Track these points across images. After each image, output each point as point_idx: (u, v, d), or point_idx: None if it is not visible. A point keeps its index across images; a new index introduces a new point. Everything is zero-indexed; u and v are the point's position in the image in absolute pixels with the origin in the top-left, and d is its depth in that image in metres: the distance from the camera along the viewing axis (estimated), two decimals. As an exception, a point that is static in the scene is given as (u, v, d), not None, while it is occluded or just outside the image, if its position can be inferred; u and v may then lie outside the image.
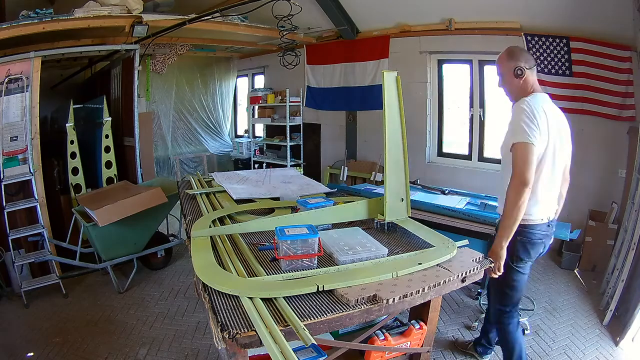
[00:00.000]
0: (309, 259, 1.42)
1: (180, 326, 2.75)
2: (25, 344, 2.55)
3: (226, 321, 1.09)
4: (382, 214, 1.90)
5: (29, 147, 3.19)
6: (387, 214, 1.87)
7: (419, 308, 1.68)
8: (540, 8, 3.59)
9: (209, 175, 2.98)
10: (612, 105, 3.45)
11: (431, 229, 1.83)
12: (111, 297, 3.15)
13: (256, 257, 1.55)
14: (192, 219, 2.00)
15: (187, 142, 7.34)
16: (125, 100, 4.30)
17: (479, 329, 2.63)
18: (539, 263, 3.61)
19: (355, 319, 1.23)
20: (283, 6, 3.46)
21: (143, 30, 3.92)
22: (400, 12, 4.61)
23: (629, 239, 2.65)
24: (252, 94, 6.86)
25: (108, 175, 3.99)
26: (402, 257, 1.53)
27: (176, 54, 5.75)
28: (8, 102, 3.13)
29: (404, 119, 1.89)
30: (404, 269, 1.40)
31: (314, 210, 1.85)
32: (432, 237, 1.71)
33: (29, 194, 3.23)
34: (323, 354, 1.60)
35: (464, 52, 4.42)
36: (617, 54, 3.33)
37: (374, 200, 1.97)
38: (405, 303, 1.30)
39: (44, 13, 3.31)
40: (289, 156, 6.29)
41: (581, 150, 3.69)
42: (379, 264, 1.46)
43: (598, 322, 2.69)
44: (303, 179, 2.83)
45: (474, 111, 4.50)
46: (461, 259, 1.53)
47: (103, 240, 3.06)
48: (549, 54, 3.68)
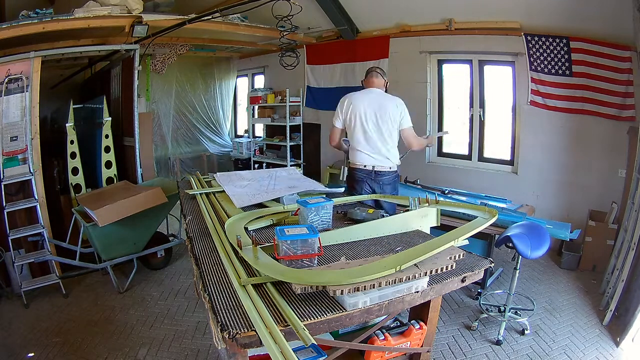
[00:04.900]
0: (309, 259, 1.42)
1: (180, 326, 2.75)
2: (25, 344, 2.55)
3: (226, 321, 1.09)
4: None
5: (29, 147, 3.19)
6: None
7: (419, 308, 1.68)
8: (540, 8, 3.58)
9: (209, 175, 2.98)
10: (612, 105, 3.45)
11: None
12: (111, 297, 3.15)
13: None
14: (192, 219, 2.00)
15: (187, 142, 7.34)
16: (125, 100, 4.29)
17: (479, 329, 2.64)
18: (539, 263, 3.61)
19: (355, 319, 1.22)
20: (283, 6, 3.46)
21: (143, 30, 3.92)
22: (400, 12, 4.62)
23: (629, 239, 2.65)
24: (252, 94, 6.86)
25: (108, 175, 3.99)
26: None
27: (176, 54, 5.75)
28: (8, 102, 3.13)
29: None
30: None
31: (370, 223, 1.78)
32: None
33: (29, 194, 3.23)
34: (323, 354, 1.60)
35: (464, 52, 4.43)
36: (617, 54, 3.33)
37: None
38: (405, 303, 1.30)
39: (44, 13, 3.31)
40: (289, 156, 6.29)
41: (581, 150, 3.76)
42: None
43: (598, 322, 2.69)
44: (309, 183, 2.75)
45: (473, 111, 4.50)
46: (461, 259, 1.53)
47: (103, 240, 3.06)
48: (549, 54, 3.68)
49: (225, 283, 1.32)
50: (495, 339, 2.51)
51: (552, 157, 3.90)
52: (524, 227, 2.55)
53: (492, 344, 2.49)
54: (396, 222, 1.81)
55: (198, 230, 1.85)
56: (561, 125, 3.81)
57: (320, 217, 1.78)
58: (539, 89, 3.84)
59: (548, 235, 2.50)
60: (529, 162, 4.07)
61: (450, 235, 1.50)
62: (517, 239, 2.35)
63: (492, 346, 2.47)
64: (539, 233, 2.47)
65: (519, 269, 2.56)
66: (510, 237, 2.36)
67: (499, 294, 3.07)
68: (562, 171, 3.86)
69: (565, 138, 3.82)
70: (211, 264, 1.47)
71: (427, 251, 1.33)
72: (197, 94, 7.37)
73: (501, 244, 2.49)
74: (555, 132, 3.86)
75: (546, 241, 2.42)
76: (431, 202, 1.93)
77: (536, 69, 3.81)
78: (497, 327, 2.57)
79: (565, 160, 3.84)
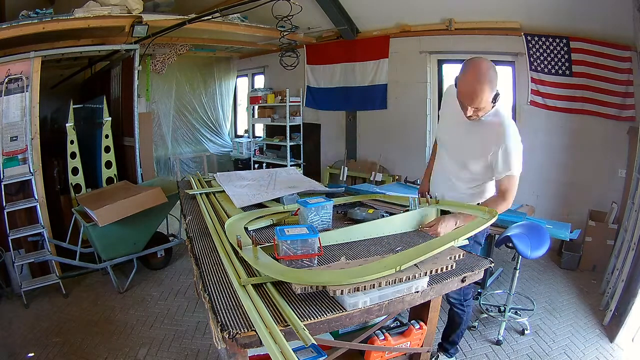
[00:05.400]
0: (309, 259, 1.42)
1: (180, 326, 2.75)
2: (25, 344, 2.55)
3: (226, 321, 1.09)
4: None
5: (29, 147, 3.19)
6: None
7: (419, 308, 1.68)
8: (540, 8, 3.58)
9: (209, 175, 2.98)
10: (612, 105, 3.45)
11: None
12: (111, 297, 3.15)
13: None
14: (192, 219, 2.00)
15: (187, 142, 7.34)
16: (125, 100, 4.29)
17: (479, 329, 2.64)
18: (539, 263, 3.61)
19: (355, 319, 1.22)
20: (283, 6, 3.46)
21: (143, 30, 3.92)
22: (400, 12, 4.62)
23: (629, 239, 2.65)
24: (252, 94, 6.86)
25: (108, 175, 3.99)
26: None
27: (176, 54, 5.74)
28: (8, 102, 3.13)
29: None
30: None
31: (370, 222, 1.77)
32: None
33: (29, 194, 3.23)
34: (323, 354, 1.60)
35: (464, 52, 4.41)
36: (617, 54, 3.33)
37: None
38: (405, 303, 1.30)
39: (44, 13, 3.31)
40: (289, 156, 6.29)
41: (581, 150, 3.76)
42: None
43: (598, 322, 2.69)
44: (309, 183, 2.74)
45: (474, 111, 4.49)
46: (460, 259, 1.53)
47: (103, 240, 3.06)
48: (549, 54, 3.68)
49: (225, 283, 1.32)
50: (495, 339, 2.51)
51: (552, 157, 3.90)
52: (524, 227, 2.55)
53: (492, 344, 2.49)
54: (396, 222, 1.81)
55: (198, 230, 1.85)
56: (561, 125, 3.81)
57: (320, 217, 1.78)
58: (539, 89, 3.84)
59: (548, 235, 2.50)
60: (529, 162, 4.02)
61: (450, 235, 1.50)
62: (517, 239, 2.35)
63: (492, 346, 2.48)
64: (539, 233, 2.48)
65: (519, 269, 2.56)
66: (510, 237, 2.36)
67: (499, 294, 3.07)
68: (562, 171, 3.86)
69: (565, 138, 3.82)
70: (211, 264, 1.47)
71: (427, 251, 1.33)
72: (197, 94, 7.37)
73: (501, 244, 2.49)
74: (555, 132, 3.85)
75: (546, 241, 2.42)
76: (431, 202, 1.93)
77: (536, 69, 3.81)
78: (497, 327, 2.57)
79: (565, 160, 3.84)
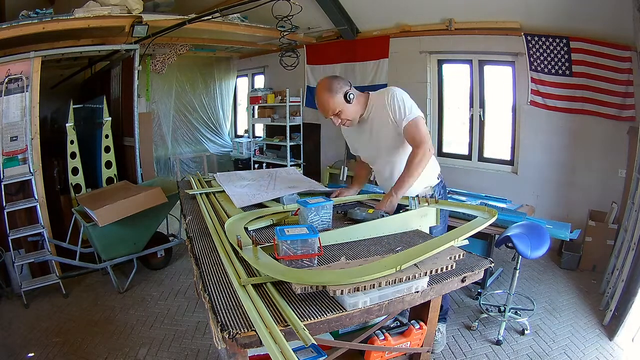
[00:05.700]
0: (309, 259, 1.42)
1: (180, 326, 2.75)
2: (25, 344, 2.55)
3: (226, 321, 1.09)
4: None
5: (29, 147, 3.19)
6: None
7: (419, 308, 1.67)
8: (540, 8, 3.58)
9: (209, 175, 2.98)
10: (612, 105, 3.45)
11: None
12: (111, 297, 3.15)
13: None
14: (192, 219, 1.99)
15: (187, 142, 7.35)
16: (125, 100, 4.30)
17: (479, 329, 2.64)
18: (539, 263, 3.61)
19: (355, 319, 1.22)
20: (283, 6, 3.46)
21: (143, 30, 3.92)
22: (400, 12, 4.62)
23: (629, 239, 2.65)
24: (252, 94, 6.86)
25: (108, 175, 3.99)
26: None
27: (176, 54, 5.75)
28: (8, 102, 3.14)
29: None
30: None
31: (370, 223, 1.77)
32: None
33: (29, 194, 3.23)
34: (323, 354, 1.60)
35: (464, 52, 4.43)
36: (617, 54, 3.33)
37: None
38: (405, 303, 1.30)
39: (44, 13, 3.32)
40: (289, 156, 6.29)
41: (581, 150, 3.76)
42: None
43: (598, 322, 2.69)
44: (309, 183, 2.74)
45: (473, 111, 4.50)
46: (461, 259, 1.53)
47: (103, 240, 3.06)
48: (549, 54, 3.68)
49: (225, 283, 1.31)
50: (495, 339, 2.51)
51: (552, 157, 3.90)
52: (524, 227, 2.55)
53: (492, 344, 2.49)
54: (396, 222, 1.81)
55: (198, 230, 1.85)
56: (561, 125, 3.81)
57: (320, 217, 1.78)
58: (539, 89, 3.84)
59: (548, 235, 2.50)
60: (529, 162, 4.07)
61: (450, 235, 1.50)
62: (517, 239, 2.35)
63: (492, 346, 2.47)
64: (539, 233, 2.48)
65: (519, 269, 2.56)
66: (510, 237, 2.36)
67: (499, 294, 3.08)
68: (562, 171, 3.86)
69: (565, 138, 3.82)
70: (211, 264, 1.47)
71: (427, 251, 1.33)
72: (197, 94, 7.37)
73: (501, 244, 2.49)
74: (555, 132, 3.86)
75: (546, 241, 2.42)
76: (431, 201, 1.93)
77: (536, 69, 3.81)
78: (497, 327, 2.57)
79: (565, 160, 3.84)
